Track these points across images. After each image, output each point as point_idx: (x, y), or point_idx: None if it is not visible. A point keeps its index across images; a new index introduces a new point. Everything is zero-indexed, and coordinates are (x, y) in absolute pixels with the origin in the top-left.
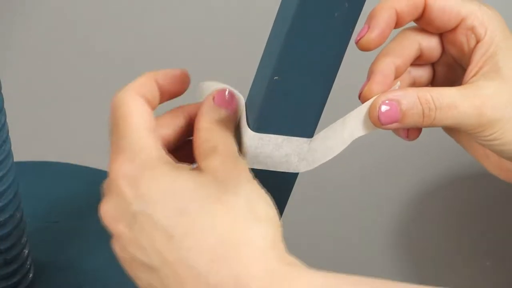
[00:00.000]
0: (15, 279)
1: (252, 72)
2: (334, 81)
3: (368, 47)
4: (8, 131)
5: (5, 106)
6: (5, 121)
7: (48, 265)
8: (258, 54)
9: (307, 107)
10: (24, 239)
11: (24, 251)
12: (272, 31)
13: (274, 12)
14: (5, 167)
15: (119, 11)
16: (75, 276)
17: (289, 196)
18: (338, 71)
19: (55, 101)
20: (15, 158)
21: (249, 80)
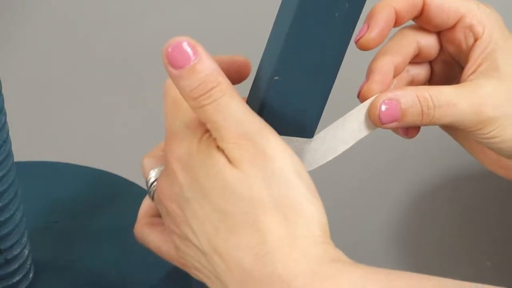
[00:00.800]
0: (16, 279)
1: (253, 72)
2: (335, 81)
3: (368, 47)
4: (8, 131)
5: (5, 106)
6: (5, 121)
7: (49, 265)
8: (258, 54)
9: (308, 108)
10: (25, 239)
11: (25, 251)
12: (273, 31)
13: (275, 12)
14: (6, 167)
15: (119, 11)
16: (75, 276)
17: None
18: (339, 71)
19: (55, 101)
20: (15, 158)
21: (249, 80)
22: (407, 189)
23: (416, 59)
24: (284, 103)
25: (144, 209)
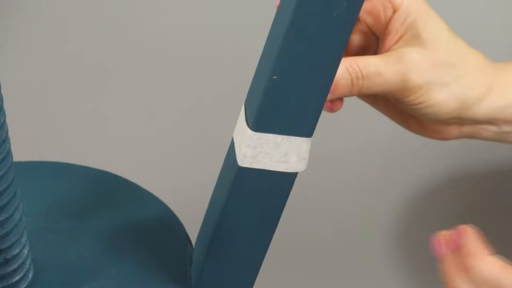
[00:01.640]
0: (15, 279)
1: (252, 72)
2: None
3: None
4: (8, 131)
5: (5, 106)
6: (5, 121)
7: (48, 265)
8: (257, 54)
9: (306, 107)
10: (24, 239)
11: (24, 251)
12: (271, 31)
13: (273, 12)
14: (5, 167)
15: (120, 11)
16: (75, 276)
17: (288, 196)
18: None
19: (55, 101)
20: (15, 158)
21: (248, 80)
22: (407, 189)
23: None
24: (283, 103)
25: None
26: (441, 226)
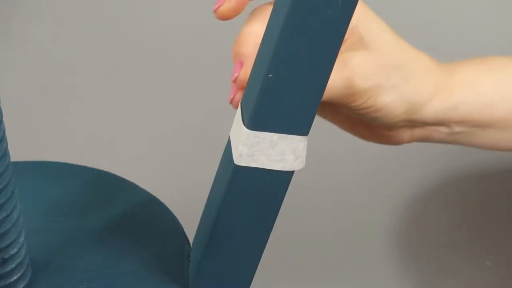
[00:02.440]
0: (13, 279)
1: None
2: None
3: (227, 16)
4: (5, 130)
5: (4, 105)
6: (1, 120)
7: (47, 265)
8: None
9: (302, 105)
10: (22, 239)
11: (22, 251)
12: (267, 29)
13: None
14: (2, 167)
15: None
16: (74, 276)
17: (285, 195)
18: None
19: (54, 100)
20: (14, 158)
21: None
22: (407, 189)
23: None
24: (279, 101)
25: None
26: (441, 226)
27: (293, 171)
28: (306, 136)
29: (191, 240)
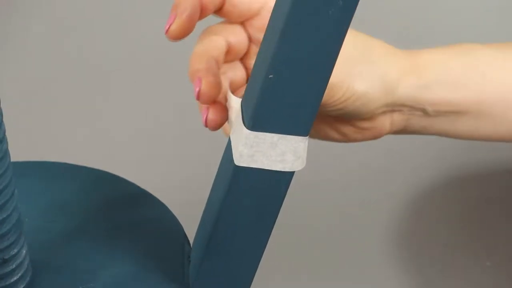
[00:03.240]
0: (14, 279)
1: None
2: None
3: (179, 34)
4: (5, 131)
5: (4, 106)
6: (1, 121)
7: (47, 265)
8: None
9: (303, 105)
10: (22, 239)
11: (22, 251)
12: (267, 29)
13: None
14: (2, 167)
15: (120, 11)
16: (74, 276)
17: (285, 196)
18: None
19: (54, 101)
20: (14, 158)
21: None
22: (407, 189)
23: (227, 58)
24: (279, 101)
25: None
26: (441, 226)
27: (294, 172)
28: (307, 137)
29: (191, 240)
